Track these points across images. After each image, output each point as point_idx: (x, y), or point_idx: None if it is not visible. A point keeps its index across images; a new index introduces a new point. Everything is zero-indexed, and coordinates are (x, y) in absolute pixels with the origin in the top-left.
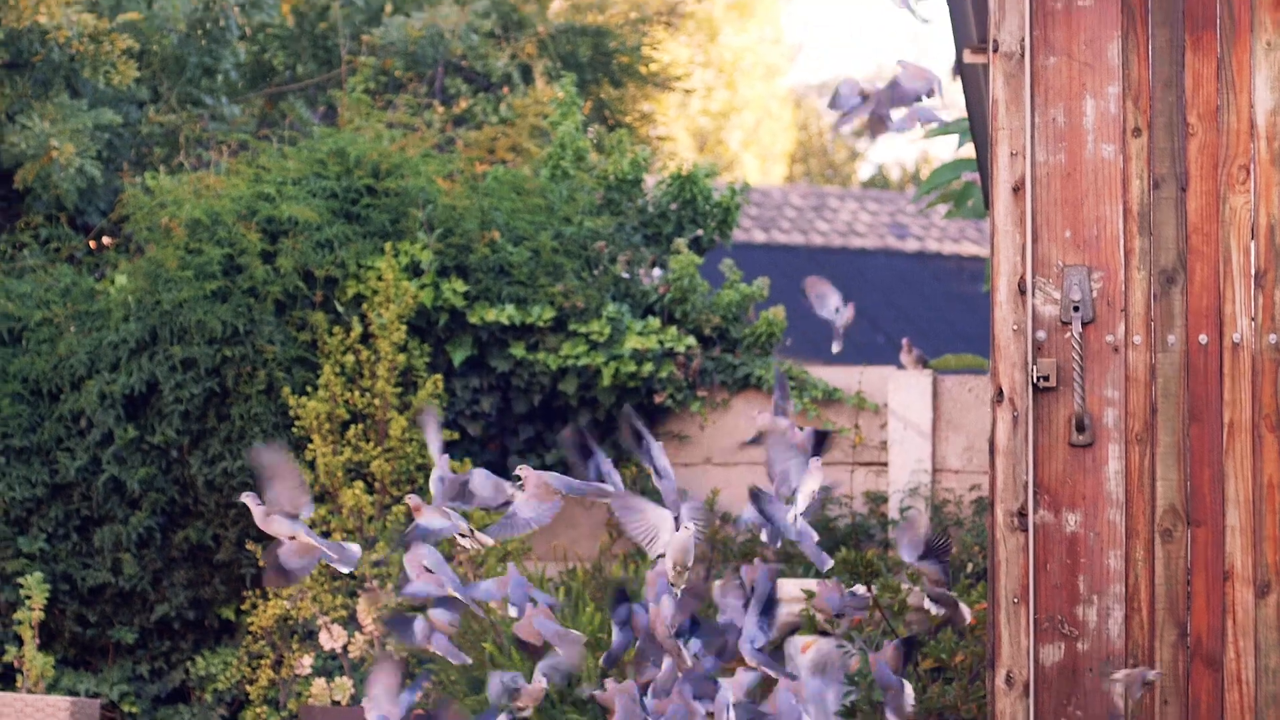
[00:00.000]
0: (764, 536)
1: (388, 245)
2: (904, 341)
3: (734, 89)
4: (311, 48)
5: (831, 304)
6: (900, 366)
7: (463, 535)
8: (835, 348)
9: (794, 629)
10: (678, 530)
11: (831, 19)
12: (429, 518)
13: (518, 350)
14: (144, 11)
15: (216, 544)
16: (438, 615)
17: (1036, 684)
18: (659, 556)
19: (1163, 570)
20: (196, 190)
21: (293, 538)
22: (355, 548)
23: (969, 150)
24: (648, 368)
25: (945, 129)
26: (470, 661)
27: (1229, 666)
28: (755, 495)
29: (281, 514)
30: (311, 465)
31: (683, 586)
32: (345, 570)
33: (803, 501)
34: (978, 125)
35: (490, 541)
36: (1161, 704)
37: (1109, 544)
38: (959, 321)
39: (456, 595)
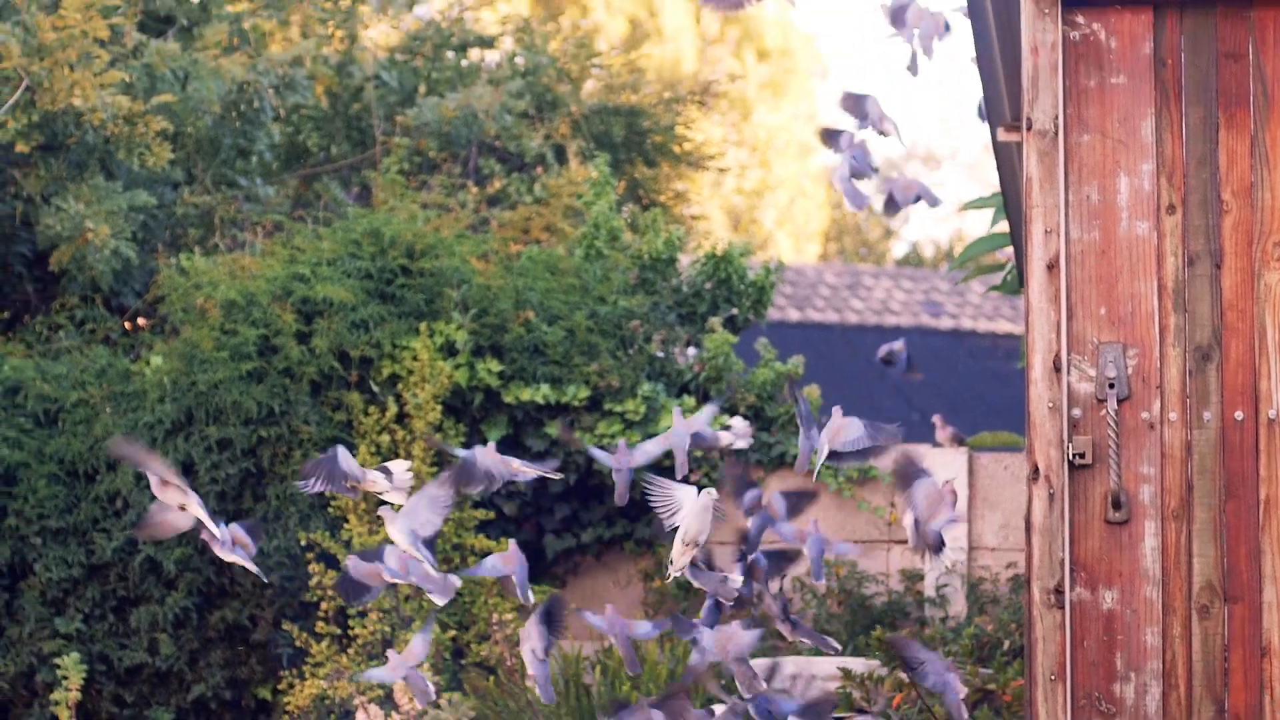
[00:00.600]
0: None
1: (423, 325)
2: (936, 419)
3: (768, 168)
4: (346, 129)
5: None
6: (936, 444)
7: (353, 486)
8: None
9: (831, 706)
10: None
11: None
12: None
13: (553, 430)
14: (178, 94)
15: (253, 624)
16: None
17: None
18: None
19: (1200, 647)
20: (231, 271)
21: (183, 506)
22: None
23: (1005, 225)
24: None
25: (980, 202)
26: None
27: None
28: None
29: (177, 485)
30: (348, 545)
31: (686, 563)
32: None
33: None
34: (1011, 203)
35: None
36: None
37: (1146, 621)
38: (994, 399)
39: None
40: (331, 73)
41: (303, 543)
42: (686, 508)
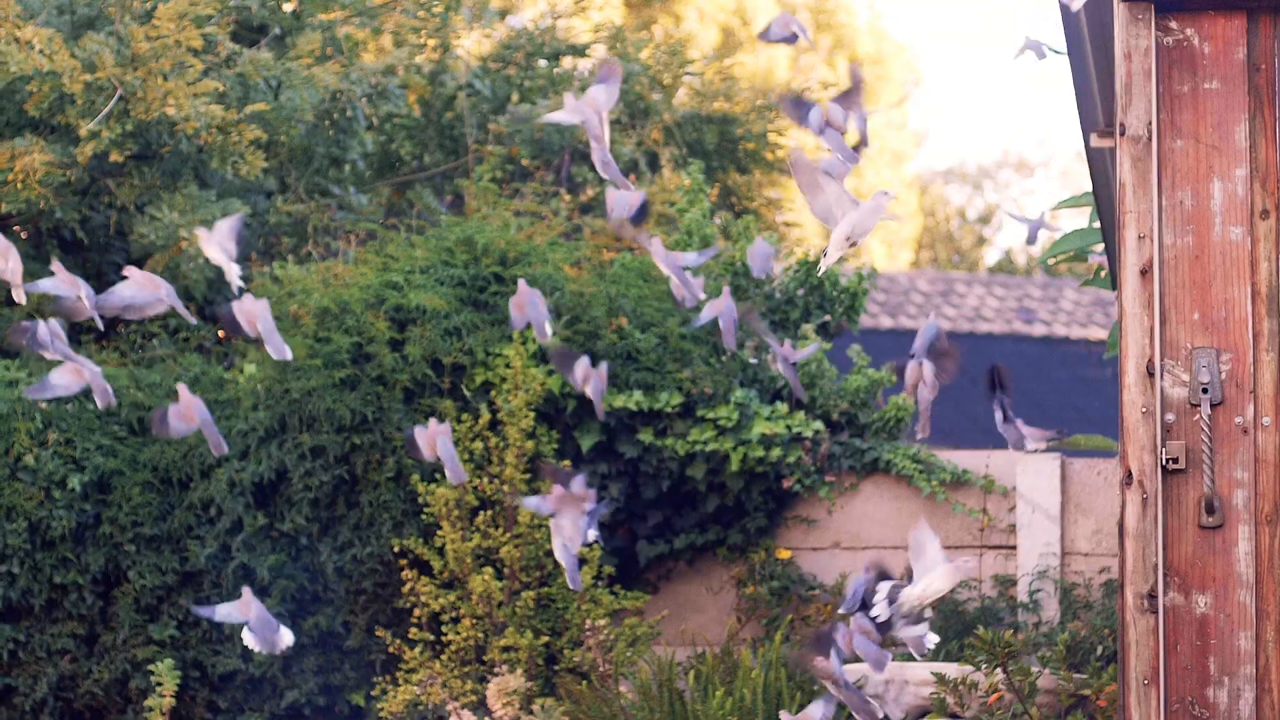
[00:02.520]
0: None
1: (515, 333)
2: (1017, 423)
3: (860, 175)
4: (438, 137)
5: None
6: (1028, 450)
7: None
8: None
9: (924, 712)
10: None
11: (957, 106)
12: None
13: (646, 436)
14: (271, 103)
15: (346, 630)
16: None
17: None
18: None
19: None
20: (325, 279)
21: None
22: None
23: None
24: (776, 452)
25: (1072, 201)
26: None
27: None
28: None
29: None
30: (441, 551)
31: (838, 257)
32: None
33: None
34: (1105, 208)
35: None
36: None
37: (1239, 625)
38: (1087, 406)
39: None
40: (424, 81)
41: (395, 549)
42: (858, 208)
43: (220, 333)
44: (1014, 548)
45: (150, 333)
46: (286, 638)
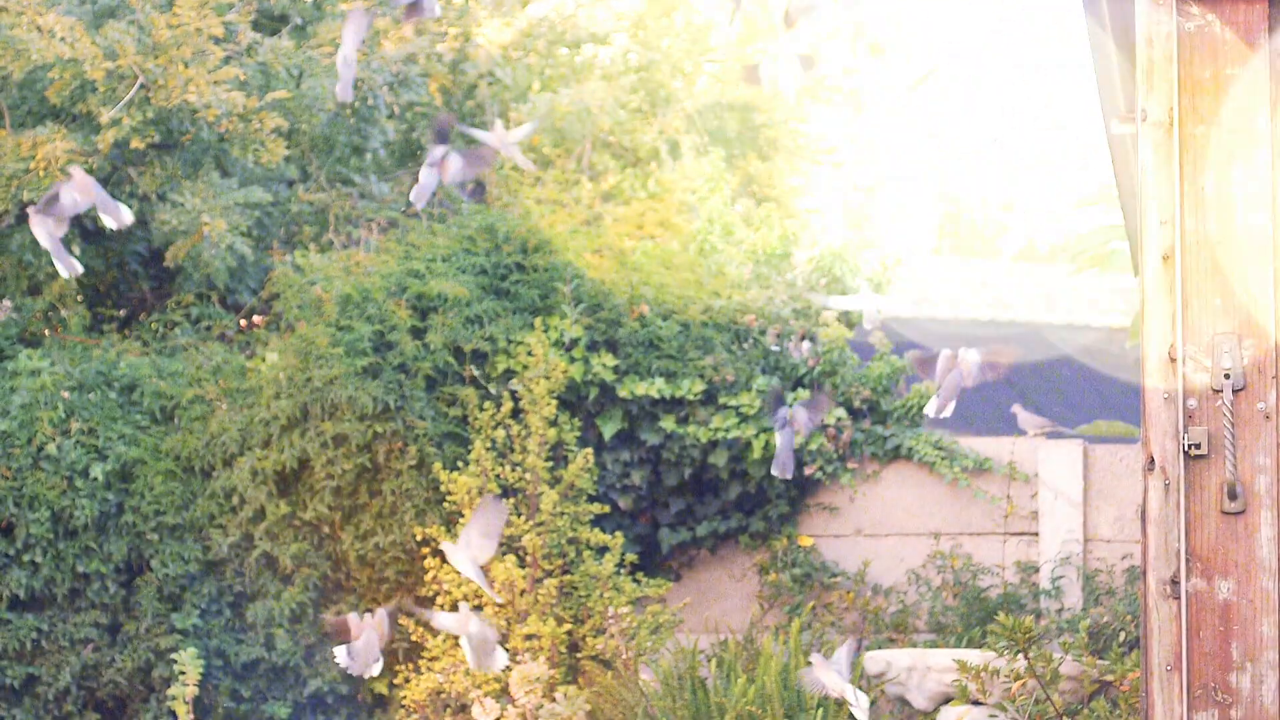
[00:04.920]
0: None
1: (537, 320)
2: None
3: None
4: None
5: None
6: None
7: None
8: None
9: (946, 699)
10: None
11: (979, 90)
12: None
13: (668, 423)
14: (292, 90)
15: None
16: None
17: None
18: None
19: None
20: (346, 268)
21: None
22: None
23: (1117, 217)
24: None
25: (1088, 201)
26: None
27: None
28: None
29: None
30: None
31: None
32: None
33: None
34: (1126, 195)
35: None
36: None
37: (1262, 611)
38: (1110, 393)
39: None
40: (445, 70)
41: (418, 537)
42: None
43: (242, 321)
44: (1036, 534)
45: (172, 322)
46: (126, 215)
